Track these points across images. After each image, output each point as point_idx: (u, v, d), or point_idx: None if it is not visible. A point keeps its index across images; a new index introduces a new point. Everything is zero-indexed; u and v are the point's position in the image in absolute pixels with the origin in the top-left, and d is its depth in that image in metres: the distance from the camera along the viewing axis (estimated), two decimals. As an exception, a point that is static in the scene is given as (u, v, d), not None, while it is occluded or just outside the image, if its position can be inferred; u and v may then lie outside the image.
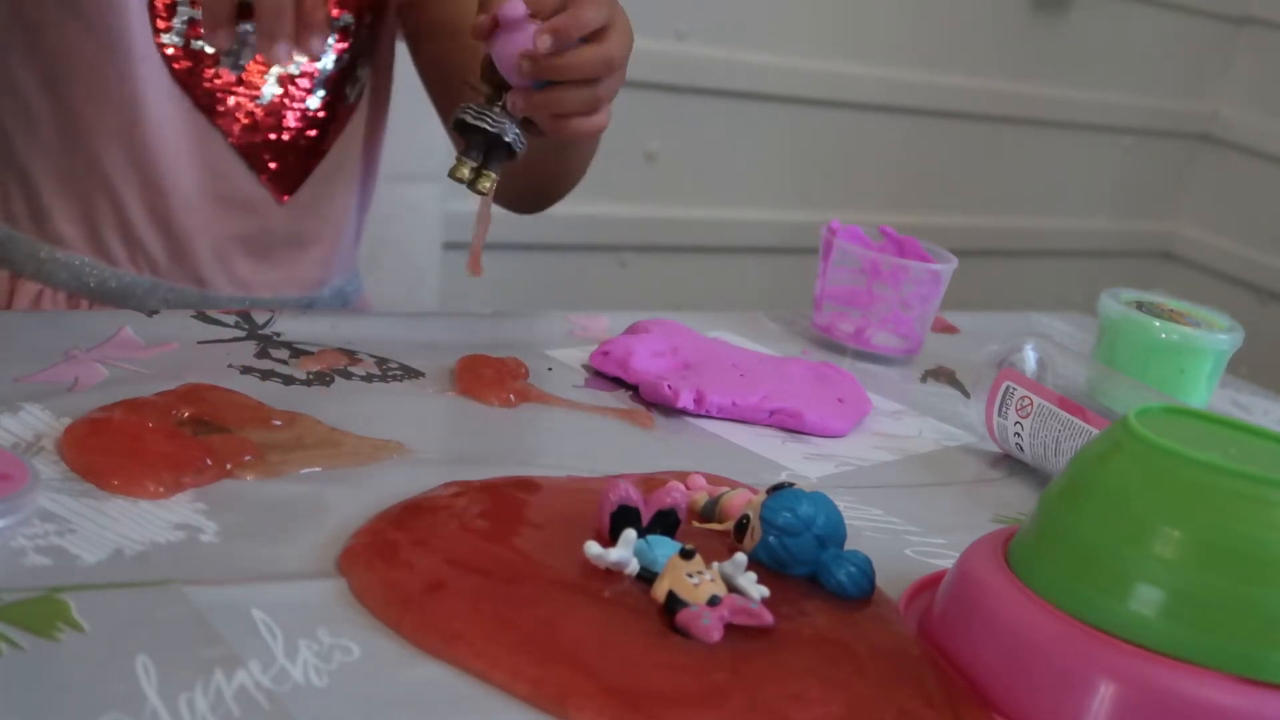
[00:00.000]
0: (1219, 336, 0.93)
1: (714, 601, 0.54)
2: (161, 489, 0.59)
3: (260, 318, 0.84)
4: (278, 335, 0.82)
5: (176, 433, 0.64)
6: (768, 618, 0.54)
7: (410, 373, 0.79)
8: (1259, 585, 0.50)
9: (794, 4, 1.97)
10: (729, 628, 0.53)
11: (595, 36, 0.77)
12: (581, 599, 0.54)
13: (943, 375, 1.01)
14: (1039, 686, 0.52)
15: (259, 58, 0.92)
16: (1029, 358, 0.82)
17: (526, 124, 0.79)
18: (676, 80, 1.88)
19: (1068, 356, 0.83)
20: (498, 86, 0.78)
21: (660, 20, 1.84)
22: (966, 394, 0.96)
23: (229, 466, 0.62)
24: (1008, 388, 0.81)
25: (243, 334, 0.81)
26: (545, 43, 0.74)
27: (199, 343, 0.78)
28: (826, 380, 0.88)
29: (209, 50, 0.90)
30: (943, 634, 0.57)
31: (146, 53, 0.89)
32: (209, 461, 0.61)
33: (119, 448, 0.61)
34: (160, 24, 0.88)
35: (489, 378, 0.80)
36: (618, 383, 0.84)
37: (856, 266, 1.02)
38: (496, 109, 0.77)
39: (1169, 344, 0.92)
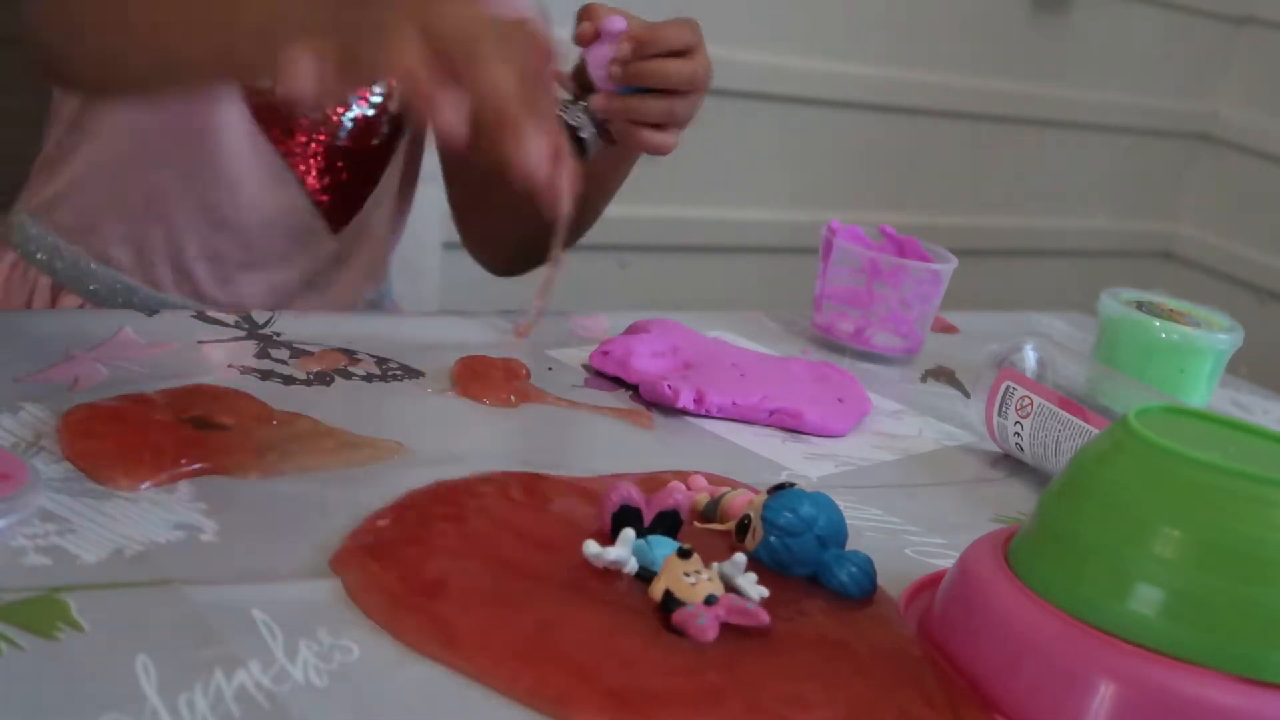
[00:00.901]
0: (1219, 336, 0.93)
1: (710, 601, 0.54)
2: (158, 476, 0.59)
3: (260, 318, 0.84)
4: (278, 335, 0.82)
5: (176, 426, 0.64)
6: (764, 617, 0.54)
7: (410, 373, 0.79)
8: (1259, 585, 0.50)
9: (794, 4, 1.97)
10: (730, 628, 0.53)
11: (682, 55, 0.83)
12: (580, 599, 0.54)
13: (943, 375, 1.01)
14: (1039, 686, 0.52)
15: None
16: (1029, 358, 0.82)
17: (602, 132, 0.85)
18: (676, 80, 1.87)
19: (1068, 356, 0.83)
20: (584, 89, 0.85)
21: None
22: (966, 394, 0.96)
23: (228, 466, 0.62)
24: (1008, 387, 0.81)
25: (243, 334, 0.81)
26: (625, 49, 0.81)
27: (199, 342, 0.78)
28: (826, 380, 0.88)
29: None
30: (943, 634, 0.57)
31: (229, 96, 0.89)
32: (206, 458, 0.61)
33: (117, 433, 0.62)
34: None
35: (489, 378, 0.80)
36: (618, 383, 0.84)
37: (856, 266, 1.02)
38: (579, 106, 0.84)
39: (1169, 344, 0.92)
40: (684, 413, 0.81)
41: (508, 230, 0.99)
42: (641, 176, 1.94)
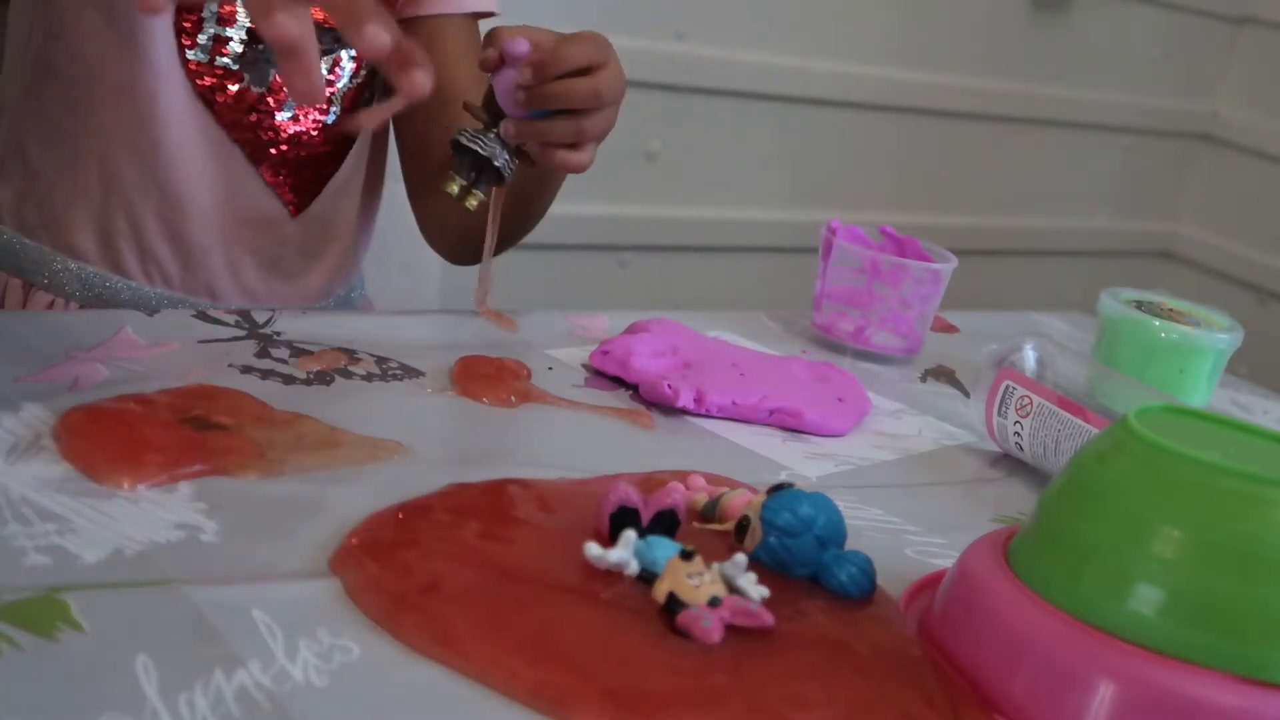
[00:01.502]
0: (1219, 336, 0.93)
1: (714, 603, 0.54)
2: (157, 477, 0.59)
3: (260, 317, 0.84)
4: (278, 335, 0.82)
5: (176, 426, 0.64)
6: (768, 619, 0.54)
7: (410, 372, 0.79)
8: (1259, 585, 0.50)
9: (794, 4, 1.97)
10: (730, 629, 0.53)
11: (587, 73, 0.83)
12: (581, 600, 0.54)
13: (943, 375, 1.01)
14: (1039, 686, 0.52)
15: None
16: (1029, 357, 0.82)
17: (520, 155, 0.86)
18: (676, 80, 1.88)
19: (1068, 356, 0.83)
20: (496, 115, 0.84)
21: (660, 20, 1.84)
22: (966, 393, 0.96)
23: (228, 466, 0.62)
24: (1007, 387, 0.81)
25: (243, 333, 0.81)
26: (525, 75, 0.81)
27: (199, 342, 0.78)
28: (826, 380, 0.89)
29: (234, 67, 0.91)
30: (942, 634, 0.57)
31: (170, 69, 0.89)
32: (206, 458, 0.61)
33: (116, 435, 0.62)
34: (185, 41, 0.89)
35: (489, 378, 0.80)
36: (618, 382, 0.84)
37: (856, 266, 1.02)
38: (491, 135, 0.84)
39: (1169, 344, 0.92)
40: (684, 412, 0.81)
41: (454, 220, 0.99)
42: (642, 176, 1.95)
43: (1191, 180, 2.60)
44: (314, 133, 0.95)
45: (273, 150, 0.94)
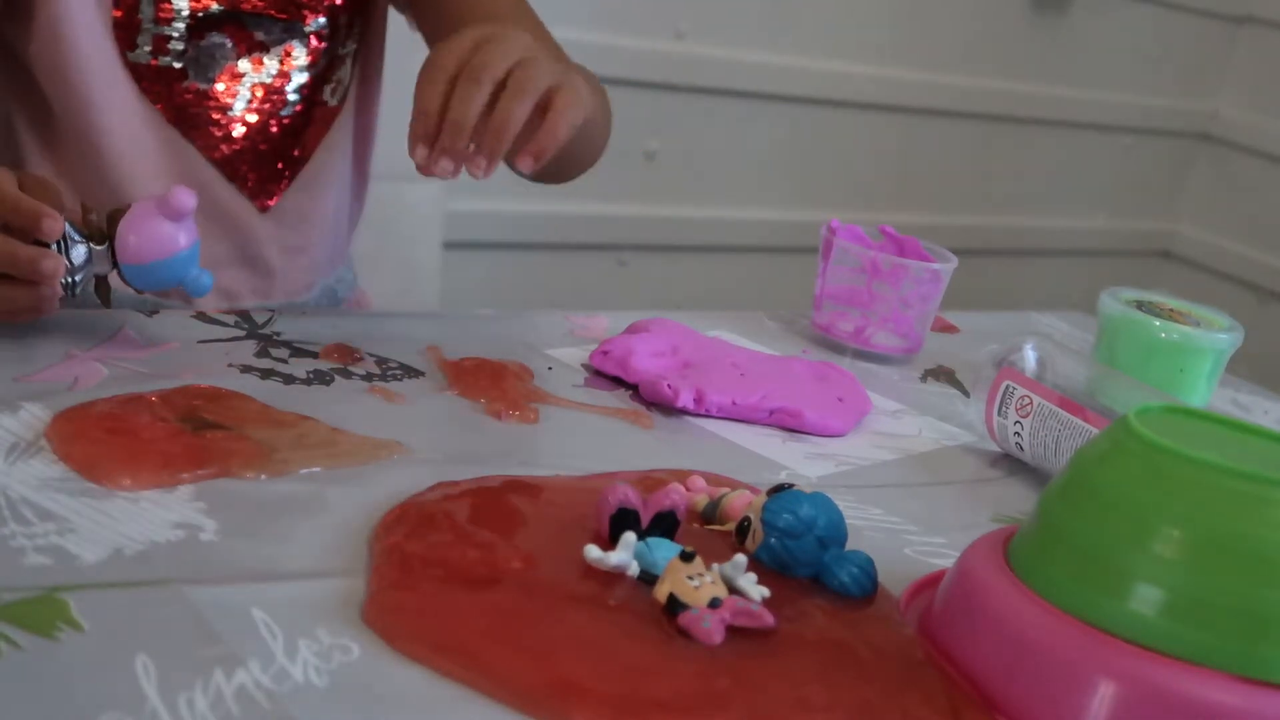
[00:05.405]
0: (1219, 336, 0.93)
1: (715, 604, 0.54)
2: (157, 477, 0.59)
3: (260, 317, 0.84)
4: (278, 335, 0.82)
5: (176, 426, 0.64)
6: (769, 619, 0.54)
7: (410, 372, 0.79)
8: (1259, 585, 0.50)
9: (794, 4, 1.97)
10: (731, 630, 0.53)
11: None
12: (581, 602, 0.54)
13: (943, 375, 1.01)
14: (1039, 686, 0.52)
15: (230, 69, 0.91)
16: (1029, 357, 0.82)
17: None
18: (676, 80, 1.88)
19: (1068, 356, 0.83)
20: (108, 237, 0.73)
21: (660, 20, 1.84)
22: (966, 393, 0.96)
23: (229, 466, 0.62)
24: (1008, 387, 0.81)
25: (242, 333, 0.81)
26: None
27: (199, 342, 0.78)
28: (826, 380, 0.88)
29: (176, 66, 0.90)
30: (942, 633, 0.57)
31: (113, 75, 0.88)
32: (206, 458, 0.61)
33: (114, 436, 0.62)
34: (125, 46, 0.88)
35: (489, 378, 0.80)
36: (618, 382, 0.84)
37: (856, 266, 1.02)
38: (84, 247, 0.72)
39: (1169, 343, 0.92)
40: (684, 412, 0.81)
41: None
42: (641, 176, 1.95)
43: (1191, 180, 2.60)
44: (271, 127, 0.94)
45: (227, 147, 0.93)
